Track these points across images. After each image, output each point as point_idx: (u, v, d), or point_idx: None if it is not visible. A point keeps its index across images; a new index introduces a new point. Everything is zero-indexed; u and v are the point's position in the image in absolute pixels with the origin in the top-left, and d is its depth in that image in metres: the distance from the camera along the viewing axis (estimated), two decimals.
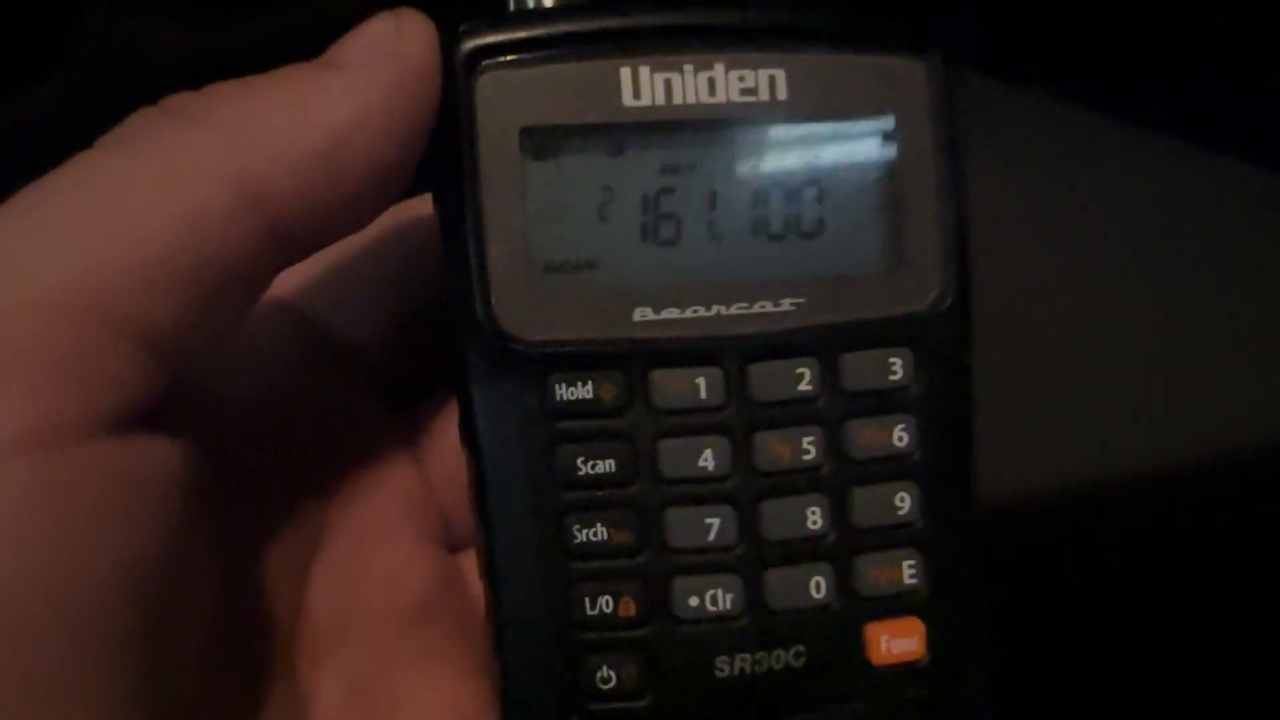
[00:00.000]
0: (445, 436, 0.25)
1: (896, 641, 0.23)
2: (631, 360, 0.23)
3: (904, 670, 0.23)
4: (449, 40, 0.22)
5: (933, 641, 0.23)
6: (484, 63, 0.22)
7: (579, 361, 0.22)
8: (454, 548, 0.26)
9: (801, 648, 0.23)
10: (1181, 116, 0.50)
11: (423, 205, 0.24)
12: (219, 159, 0.20)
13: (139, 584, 0.19)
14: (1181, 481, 0.46)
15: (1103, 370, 0.47)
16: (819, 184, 0.24)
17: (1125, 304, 0.49)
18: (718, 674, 0.23)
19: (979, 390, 0.24)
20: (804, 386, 0.23)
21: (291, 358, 0.25)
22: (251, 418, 0.24)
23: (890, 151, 0.24)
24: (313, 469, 0.24)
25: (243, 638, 0.22)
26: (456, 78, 0.22)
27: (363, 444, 0.25)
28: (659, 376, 0.23)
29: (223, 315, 0.21)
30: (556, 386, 0.22)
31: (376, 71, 0.21)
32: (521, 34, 0.22)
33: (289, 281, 0.25)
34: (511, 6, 0.24)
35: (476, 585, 0.23)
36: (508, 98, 0.22)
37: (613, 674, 0.22)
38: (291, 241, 0.21)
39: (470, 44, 0.22)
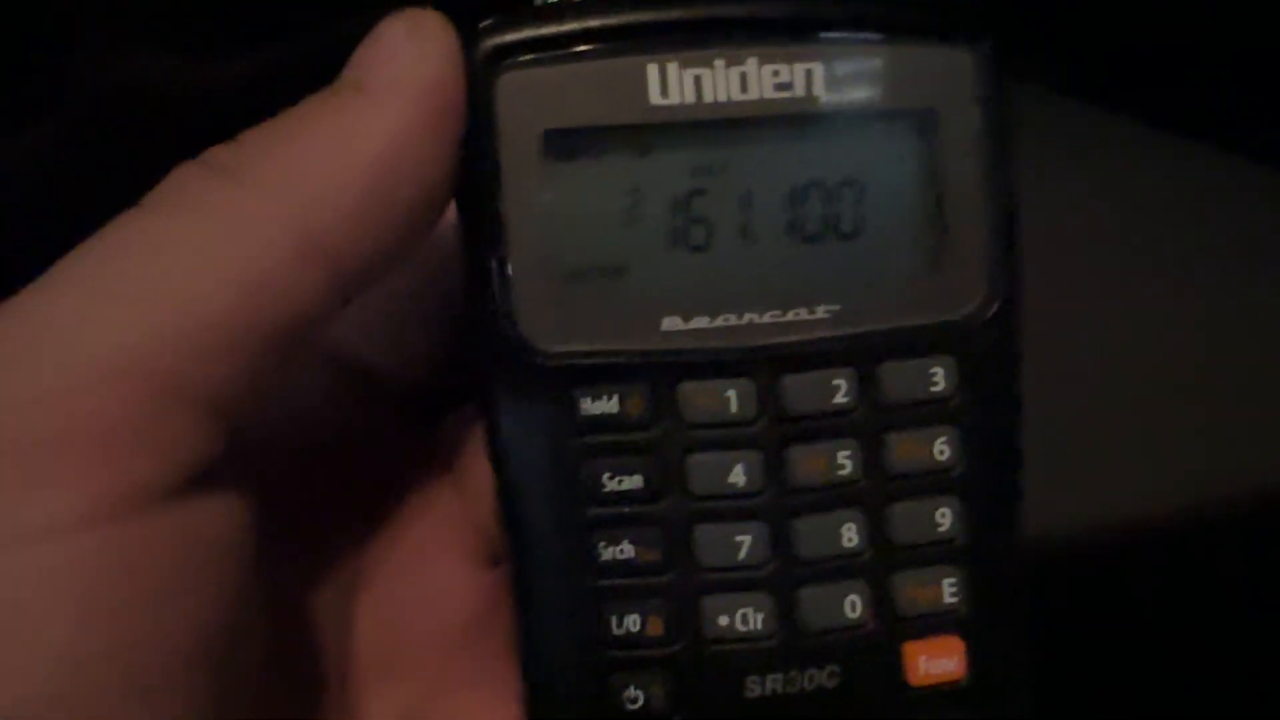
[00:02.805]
0: (479, 451, 0.24)
1: (935, 661, 0.22)
2: (659, 372, 0.22)
3: (943, 691, 0.22)
4: (467, 39, 0.21)
5: (974, 661, 0.22)
6: (504, 62, 0.21)
7: (604, 374, 0.22)
8: (499, 561, 0.26)
9: (835, 667, 0.22)
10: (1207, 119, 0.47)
11: (449, 214, 0.23)
12: (274, 217, 0.19)
13: (210, 645, 0.19)
14: (1233, 506, 0.44)
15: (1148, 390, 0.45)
16: (857, 183, 0.22)
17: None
18: (748, 694, 0.22)
19: (1028, 401, 0.23)
20: (840, 398, 0.22)
21: (320, 390, 0.25)
22: (290, 458, 0.23)
23: (934, 148, 0.22)
24: (351, 500, 0.24)
25: (295, 676, 0.22)
26: (476, 79, 0.21)
27: (397, 470, 0.25)
28: (687, 389, 0.22)
29: (283, 369, 0.20)
30: (581, 400, 0.22)
31: (404, 88, 0.20)
32: (543, 31, 0.22)
33: None
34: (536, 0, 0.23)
35: None
36: (529, 98, 0.21)
37: (640, 693, 0.22)
38: (353, 284, 0.20)
39: (490, 43, 0.21)
